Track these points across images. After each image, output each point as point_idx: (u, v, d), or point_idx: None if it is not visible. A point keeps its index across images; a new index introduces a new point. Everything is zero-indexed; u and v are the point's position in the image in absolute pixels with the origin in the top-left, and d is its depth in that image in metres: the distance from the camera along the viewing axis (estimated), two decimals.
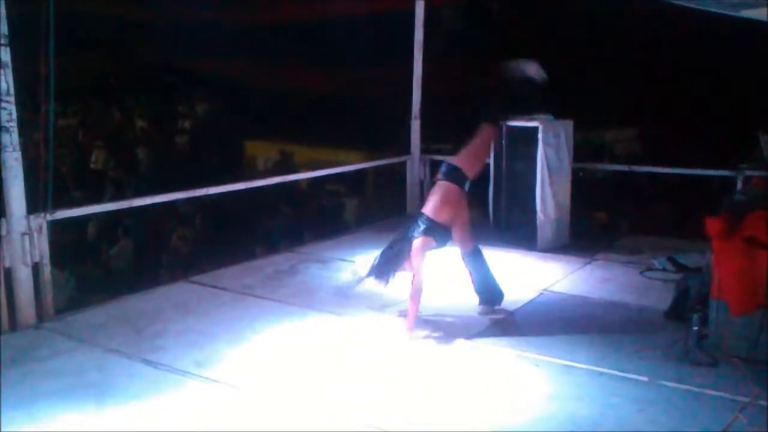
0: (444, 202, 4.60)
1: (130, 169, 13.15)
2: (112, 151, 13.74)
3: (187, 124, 15.00)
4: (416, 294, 4.51)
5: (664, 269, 5.87)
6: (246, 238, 9.35)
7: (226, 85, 14.48)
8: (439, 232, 4.56)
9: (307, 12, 11.67)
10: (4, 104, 4.56)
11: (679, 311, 4.73)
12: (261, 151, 13.93)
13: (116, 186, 11.95)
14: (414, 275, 4.49)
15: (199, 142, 14.35)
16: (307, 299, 5.26)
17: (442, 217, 4.57)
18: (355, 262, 6.17)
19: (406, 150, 8.25)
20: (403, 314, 4.69)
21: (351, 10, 10.87)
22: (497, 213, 7.03)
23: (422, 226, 4.52)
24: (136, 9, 13.35)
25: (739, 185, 6.07)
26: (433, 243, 4.56)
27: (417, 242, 4.48)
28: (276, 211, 10.42)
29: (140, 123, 15.26)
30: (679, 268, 5.80)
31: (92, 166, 13.46)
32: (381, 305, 5.02)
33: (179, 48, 13.51)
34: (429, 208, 4.60)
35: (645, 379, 3.93)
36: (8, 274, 4.61)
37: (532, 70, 4.99)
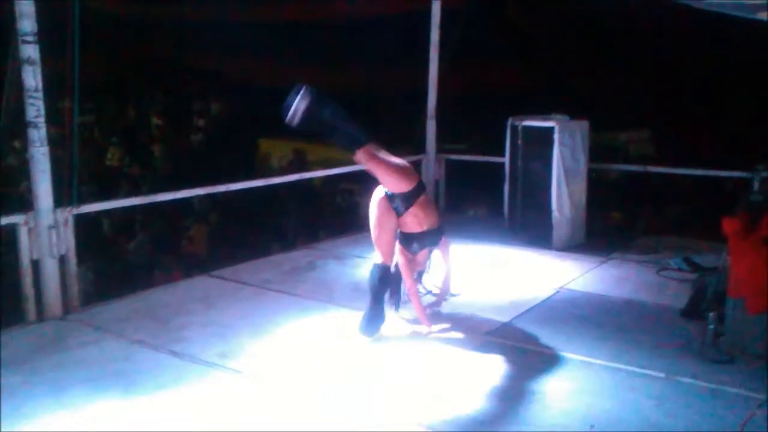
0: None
1: (145, 166, 13.28)
2: (127, 148, 13.89)
3: (202, 123, 15.14)
4: (411, 296, 4.64)
5: (680, 269, 5.91)
6: (261, 235, 9.43)
7: (240, 84, 14.57)
8: (410, 240, 4.59)
9: (323, 11, 11.73)
10: (32, 100, 4.67)
11: (695, 310, 4.78)
12: (275, 149, 14.00)
13: (132, 183, 12.07)
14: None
15: (213, 140, 14.48)
16: (326, 294, 5.33)
17: (404, 228, 4.60)
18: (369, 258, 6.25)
19: (421, 149, 8.31)
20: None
21: (368, 10, 10.93)
22: (513, 212, 7.09)
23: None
24: (152, 7, 13.45)
25: (756, 186, 6.09)
26: (409, 249, 4.61)
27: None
28: (290, 208, 10.50)
29: (156, 121, 15.40)
30: (695, 267, 5.84)
31: (108, 162, 13.61)
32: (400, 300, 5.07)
33: (195, 46, 13.61)
34: None
35: (662, 375, 3.98)
36: (36, 266, 4.72)
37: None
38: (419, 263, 4.72)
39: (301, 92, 4.19)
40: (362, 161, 4.36)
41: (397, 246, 4.61)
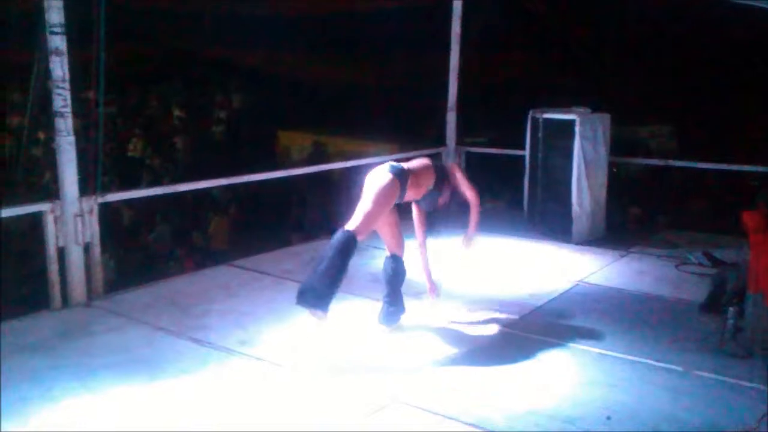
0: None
1: (167, 157, 13.41)
2: (149, 139, 14.03)
3: (223, 114, 15.25)
4: (420, 252, 4.75)
5: (700, 263, 5.89)
6: (281, 226, 9.52)
7: (261, 76, 14.66)
8: (417, 202, 4.66)
9: (343, 3, 11.77)
10: (59, 90, 4.76)
11: (714, 304, 4.76)
12: (295, 141, 14.09)
13: (153, 174, 12.21)
14: None
15: (234, 132, 14.59)
16: (345, 284, 5.29)
17: (410, 199, 4.59)
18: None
19: (441, 141, 8.31)
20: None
21: (389, 2, 10.95)
22: (532, 205, 7.08)
23: None
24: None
25: None
26: (421, 207, 4.70)
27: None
28: (310, 199, 10.58)
29: (177, 112, 15.53)
30: (715, 262, 5.82)
31: (130, 153, 13.76)
32: (416, 292, 5.11)
33: (216, 38, 13.70)
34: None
35: (680, 369, 3.99)
36: (61, 253, 4.81)
37: None
38: (441, 203, 4.70)
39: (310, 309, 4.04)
40: (366, 235, 4.28)
41: (413, 206, 4.68)
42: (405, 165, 4.46)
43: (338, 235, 4.11)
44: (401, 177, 4.34)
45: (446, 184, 4.61)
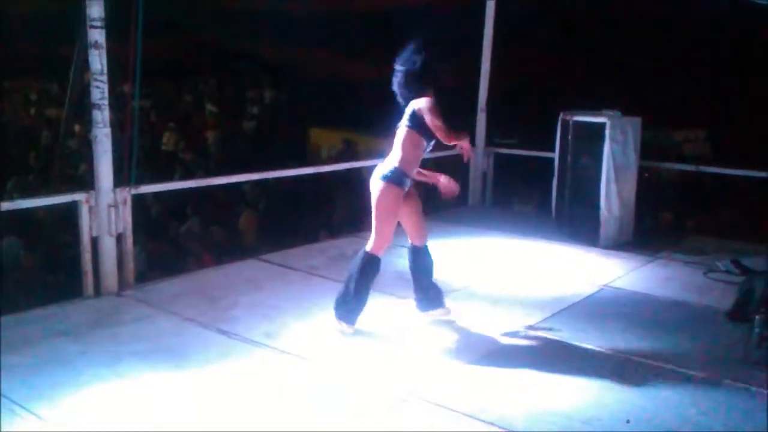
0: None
1: (199, 152, 13.60)
2: (182, 133, 14.24)
3: (255, 110, 15.43)
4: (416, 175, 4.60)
5: (728, 271, 5.82)
6: (309, 222, 9.59)
7: (293, 73, 14.80)
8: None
9: (375, 2, 11.84)
10: (97, 83, 4.88)
11: (741, 312, 4.71)
12: (325, 139, 14.19)
13: (185, 168, 12.38)
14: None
15: (266, 128, 14.74)
16: None
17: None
18: None
19: (470, 142, 8.29)
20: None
21: (420, 2, 10.99)
22: (560, 207, 7.06)
23: None
24: None
25: None
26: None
27: None
28: (338, 197, 10.65)
29: (210, 107, 15.75)
30: (744, 270, 5.75)
31: (163, 147, 13.99)
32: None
33: (250, 35, 13.87)
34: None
35: (703, 375, 3.96)
36: (95, 243, 4.94)
37: None
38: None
39: (338, 320, 4.40)
40: (386, 247, 4.38)
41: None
42: (396, 160, 4.35)
43: (358, 258, 4.35)
44: (395, 178, 4.31)
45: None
